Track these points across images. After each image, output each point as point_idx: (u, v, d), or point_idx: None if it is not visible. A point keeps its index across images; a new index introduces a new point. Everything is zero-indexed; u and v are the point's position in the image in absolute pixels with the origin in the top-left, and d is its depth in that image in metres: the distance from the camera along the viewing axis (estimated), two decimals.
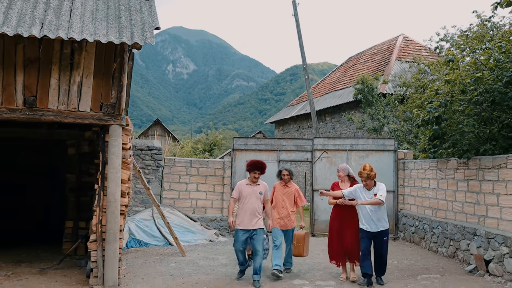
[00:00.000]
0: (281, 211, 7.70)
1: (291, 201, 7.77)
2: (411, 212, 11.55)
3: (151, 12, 7.12)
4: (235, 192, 7.27)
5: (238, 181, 7.65)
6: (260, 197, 7.16)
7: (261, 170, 7.17)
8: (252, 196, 7.08)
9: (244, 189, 7.15)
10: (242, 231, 7.05)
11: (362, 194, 7.23)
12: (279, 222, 7.66)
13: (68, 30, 6.16)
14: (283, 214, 7.68)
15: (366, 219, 7.15)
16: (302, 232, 7.86)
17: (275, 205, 7.76)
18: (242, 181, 7.33)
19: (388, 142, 12.52)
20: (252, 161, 7.27)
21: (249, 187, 7.15)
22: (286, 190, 7.83)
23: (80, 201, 9.24)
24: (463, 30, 11.97)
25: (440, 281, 7.43)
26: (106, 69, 6.71)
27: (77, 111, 6.58)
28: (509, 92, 8.23)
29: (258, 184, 7.19)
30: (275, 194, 7.87)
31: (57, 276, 7.26)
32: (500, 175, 8.00)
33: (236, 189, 7.27)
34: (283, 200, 7.75)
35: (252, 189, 7.14)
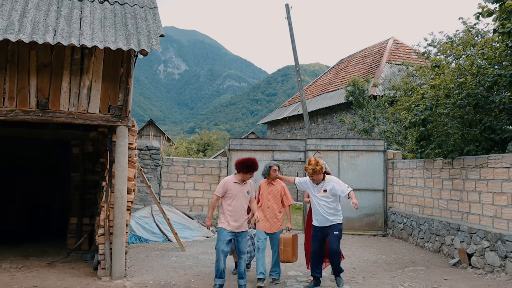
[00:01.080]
0: (267, 212, 7.08)
1: (278, 201, 7.14)
2: (400, 210, 12.08)
3: (155, 20, 7.57)
4: (220, 189, 6.51)
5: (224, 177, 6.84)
6: (247, 197, 6.62)
7: (254, 171, 6.53)
8: (240, 195, 6.49)
9: (232, 187, 6.49)
10: (227, 232, 6.39)
11: (312, 188, 6.93)
12: (264, 224, 7.04)
13: (80, 37, 6.59)
14: (268, 215, 7.07)
15: (317, 214, 6.82)
16: (289, 234, 7.06)
17: (261, 205, 7.13)
18: (229, 178, 6.61)
19: (378, 143, 13.05)
20: (244, 160, 6.50)
21: (237, 186, 6.50)
22: (271, 188, 7.18)
23: (84, 198, 9.64)
24: (449, 36, 12.53)
25: (425, 272, 7.95)
26: (114, 74, 7.15)
27: (87, 113, 7.01)
28: (490, 96, 8.78)
29: (246, 183, 6.61)
30: (260, 193, 7.23)
31: (65, 268, 7.68)
32: (482, 174, 8.54)
33: (222, 186, 6.52)
34: (268, 199, 7.12)
35: (240, 188, 6.51)
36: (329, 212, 6.75)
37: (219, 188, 6.54)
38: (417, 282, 7.17)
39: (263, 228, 7.05)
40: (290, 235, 7.02)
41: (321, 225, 6.77)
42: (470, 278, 7.60)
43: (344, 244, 10.81)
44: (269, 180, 7.21)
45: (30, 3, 7.03)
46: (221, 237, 6.40)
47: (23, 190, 11.61)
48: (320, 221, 6.78)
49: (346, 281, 7.21)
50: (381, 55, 21.99)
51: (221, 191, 6.50)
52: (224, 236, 6.38)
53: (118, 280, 6.92)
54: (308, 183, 6.97)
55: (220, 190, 6.51)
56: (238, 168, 6.49)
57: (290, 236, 7.01)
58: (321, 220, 6.76)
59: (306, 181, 7.01)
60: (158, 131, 37.39)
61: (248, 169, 6.43)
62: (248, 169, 6.43)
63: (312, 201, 6.94)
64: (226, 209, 6.46)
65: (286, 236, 7.01)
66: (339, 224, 6.79)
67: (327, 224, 6.73)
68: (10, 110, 6.68)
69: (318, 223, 6.79)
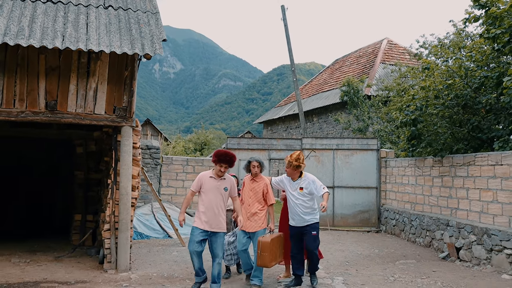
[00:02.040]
0: (247, 209, 6.67)
1: (259, 198, 6.67)
2: (392, 207, 12.48)
3: (158, 25, 7.92)
4: (195, 183, 6.16)
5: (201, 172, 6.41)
6: (225, 194, 6.13)
7: (230, 163, 6.08)
8: (215, 191, 6.04)
9: (206, 181, 6.07)
10: (199, 231, 5.99)
11: (287, 185, 6.72)
12: (245, 223, 6.58)
13: (87, 42, 6.94)
14: (249, 213, 6.65)
15: (294, 214, 6.60)
16: (267, 238, 6.39)
17: (242, 203, 6.72)
18: (206, 173, 6.22)
19: (371, 142, 13.44)
20: (220, 152, 6.14)
21: (213, 181, 6.07)
22: (254, 185, 6.71)
23: (88, 196, 9.98)
24: (440, 38, 12.94)
25: (416, 265, 8.35)
26: (119, 76, 7.49)
27: (93, 114, 7.35)
28: (478, 97, 9.19)
29: (224, 179, 6.14)
30: (243, 189, 6.81)
31: (72, 262, 8.02)
32: (469, 172, 8.95)
33: (197, 181, 6.16)
34: (249, 196, 6.69)
35: (216, 183, 6.07)
36: (306, 211, 6.54)
37: (194, 182, 6.20)
38: (407, 274, 7.57)
39: (243, 227, 6.58)
40: (268, 239, 6.36)
41: (298, 224, 6.57)
42: (458, 270, 8.00)
43: (339, 240, 11.22)
44: (252, 176, 6.77)
45: (38, 9, 7.37)
46: (192, 237, 6.01)
47: (27, 189, 11.92)
48: (297, 220, 6.57)
49: (340, 273, 7.60)
50: (375, 55, 22.39)
51: (196, 185, 6.14)
52: (196, 236, 5.98)
53: (124, 272, 7.27)
54: (285, 181, 6.74)
55: (195, 184, 6.16)
56: (214, 158, 6.08)
57: (269, 240, 6.34)
58: (298, 220, 6.56)
59: (283, 179, 6.79)
60: (155, 130, 37.71)
61: (222, 161, 5.99)
62: (222, 160, 5.99)
63: (289, 200, 6.71)
64: (200, 206, 6.06)
65: (264, 240, 6.35)
66: (317, 223, 6.62)
67: (303, 224, 6.54)
68: (21, 111, 7.02)
69: (295, 222, 6.60)
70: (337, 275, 7.43)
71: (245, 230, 6.63)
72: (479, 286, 6.74)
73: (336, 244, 10.52)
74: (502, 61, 9.11)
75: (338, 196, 13.16)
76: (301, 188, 6.56)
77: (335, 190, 13.16)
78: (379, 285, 6.87)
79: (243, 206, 6.67)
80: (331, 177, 13.21)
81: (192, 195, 6.23)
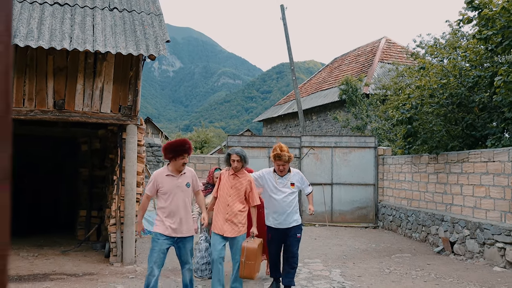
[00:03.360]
0: (225, 210, 5.51)
1: (241, 197, 5.56)
2: (389, 203, 12.77)
3: (161, 26, 8.18)
4: (150, 186, 5.16)
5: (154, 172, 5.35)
6: (189, 190, 5.25)
7: (186, 153, 5.12)
8: (177, 191, 5.12)
9: (164, 181, 5.11)
10: (164, 237, 5.05)
11: (272, 181, 5.88)
12: (221, 226, 5.50)
13: (94, 43, 7.20)
14: (228, 214, 5.48)
15: (278, 213, 5.83)
16: (254, 243, 5.51)
17: (218, 202, 5.63)
18: (160, 171, 5.22)
19: (369, 140, 13.72)
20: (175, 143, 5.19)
21: (172, 180, 5.12)
22: (235, 181, 5.58)
23: (92, 192, 10.26)
24: (436, 38, 13.21)
25: (411, 259, 8.64)
26: (124, 76, 7.76)
27: (99, 113, 7.62)
28: (471, 96, 9.47)
29: (184, 173, 5.21)
30: (220, 185, 5.66)
31: (78, 256, 8.30)
32: (463, 168, 9.23)
33: (152, 183, 5.14)
34: (229, 194, 5.53)
35: (176, 181, 5.13)
36: (293, 210, 5.85)
37: (149, 185, 5.17)
38: (402, 267, 7.85)
39: (219, 231, 5.50)
40: (255, 245, 5.48)
41: (281, 226, 5.82)
42: (451, 263, 8.29)
43: (337, 235, 11.51)
44: (232, 170, 5.63)
45: (46, 11, 7.63)
46: (155, 245, 5.04)
47: (33, 187, 12.19)
48: (281, 221, 5.80)
49: (338, 266, 7.87)
50: (374, 54, 22.65)
51: (152, 188, 5.15)
52: (160, 244, 5.03)
53: (129, 265, 7.55)
54: (267, 177, 5.91)
55: (150, 187, 5.15)
56: (166, 154, 5.13)
57: (256, 246, 5.45)
58: (282, 221, 5.80)
59: (263, 175, 5.93)
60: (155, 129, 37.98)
61: (183, 151, 5.07)
62: (182, 150, 5.07)
63: (271, 199, 5.86)
64: (161, 209, 5.12)
65: (250, 246, 5.44)
66: (301, 225, 6.01)
67: (290, 225, 5.83)
68: (30, 110, 7.29)
69: (278, 224, 5.83)
70: (335, 268, 7.71)
71: (221, 235, 5.46)
72: (471, 278, 7.02)
73: (334, 239, 10.80)
74: (495, 61, 9.38)
75: (336, 192, 13.45)
76: (293, 184, 5.88)
77: (334, 187, 13.44)
78: (375, 276, 7.15)
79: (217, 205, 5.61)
80: (330, 174, 13.49)
81: (148, 199, 5.29)
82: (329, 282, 6.78)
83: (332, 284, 6.66)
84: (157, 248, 5.04)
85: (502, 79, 7.43)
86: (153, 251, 5.06)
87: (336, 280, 6.87)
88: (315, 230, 12.28)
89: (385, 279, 6.98)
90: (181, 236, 5.13)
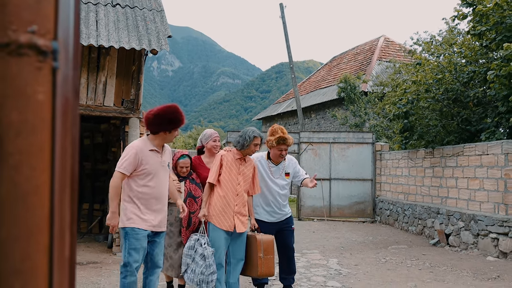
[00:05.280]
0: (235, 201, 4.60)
1: (248, 186, 4.75)
2: (387, 198, 12.97)
3: (163, 22, 8.37)
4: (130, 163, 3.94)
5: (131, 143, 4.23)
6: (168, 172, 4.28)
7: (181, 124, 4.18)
8: (160, 172, 4.10)
9: (148, 159, 4.01)
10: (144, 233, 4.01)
11: (266, 170, 5.18)
12: (231, 220, 4.56)
13: (97, 38, 7.39)
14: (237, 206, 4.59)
15: (270, 206, 5.15)
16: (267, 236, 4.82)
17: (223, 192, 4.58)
18: (140, 144, 4.07)
19: (366, 136, 13.92)
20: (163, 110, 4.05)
21: (156, 156, 4.08)
22: (243, 168, 4.69)
23: (95, 186, 10.45)
24: (433, 35, 13.42)
25: (407, 250, 8.84)
26: (126, 71, 7.95)
27: (103, 106, 7.81)
28: (466, 91, 9.67)
29: (164, 149, 4.23)
30: (224, 170, 4.60)
31: (81, 247, 8.49)
32: (458, 162, 9.44)
33: (133, 158, 3.94)
34: (237, 183, 4.62)
35: (160, 159, 4.11)
36: (284, 203, 5.25)
37: (128, 160, 3.94)
38: (398, 257, 8.05)
39: (229, 227, 4.57)
40: (270, 236, 4.82)
41: (273, 220, 5.19)
42: (446, 253, 8.49)
43: (335, 229, 11.70)
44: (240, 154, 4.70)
45: None
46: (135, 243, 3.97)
47: None
48: (273, 214, 5.19)
49: (335, 256, 8.07)
50: (372, 52, 22.85)
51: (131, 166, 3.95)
52: (141, 241, 4.00)
53: None
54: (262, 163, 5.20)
55: (131, 163, 3.94)
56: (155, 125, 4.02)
57: (271, 238, 4.80)
58: (274, 213, 5.19)
59: (260, 160, 5.20)
60: None
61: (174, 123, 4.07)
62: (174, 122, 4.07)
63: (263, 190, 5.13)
64: (139, 195, 4.00)
65: (266, 239, 4.73)
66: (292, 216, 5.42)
67: (283, 217, 5.25)
68: None
69: (271, 217, 5.19)
70: (332, 257, 7.91)
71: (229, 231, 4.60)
72: (464, 266, 7.22)
73: (332, 232, 10.99)
74: (490, 57, 9.58)
75: (334, 188, 13.64)
76: (287, 174, 5.25)
77: (332, 182, 13.64)
78: (371, 265, 7.35)
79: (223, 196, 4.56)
80: (328, 169, 13.68)
81: (122, 181, 4.01)
82: (326, 269, 6.98)
83: (329, 271, 6.86)
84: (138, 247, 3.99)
85: (494, 73, 7.63)
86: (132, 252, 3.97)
87: (333, 268, 7.07)
88: (313, 224, 12.48)
89: (381, 268, 7.18)
90: (159, 230, 4.14)
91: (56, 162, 0.58)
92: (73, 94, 0.63)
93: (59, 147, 0.59)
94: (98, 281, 6.11)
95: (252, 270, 4.72)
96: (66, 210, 0.61)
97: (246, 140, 4.61)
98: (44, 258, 0.57)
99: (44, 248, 0.57)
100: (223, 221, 4.53)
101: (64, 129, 0.60)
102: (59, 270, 0.59)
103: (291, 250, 5.33)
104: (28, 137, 0.56)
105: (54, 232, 0.58)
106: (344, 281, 6.34)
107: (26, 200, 0.55)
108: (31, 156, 0.56)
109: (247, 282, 5.97)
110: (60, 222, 0.59)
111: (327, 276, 6.58)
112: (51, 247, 0.58)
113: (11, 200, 0.55)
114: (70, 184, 0.63)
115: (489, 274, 6.69)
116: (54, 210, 0.58)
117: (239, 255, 4.70)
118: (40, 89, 0.56)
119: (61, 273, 0.60)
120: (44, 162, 0.57)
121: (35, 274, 0.56)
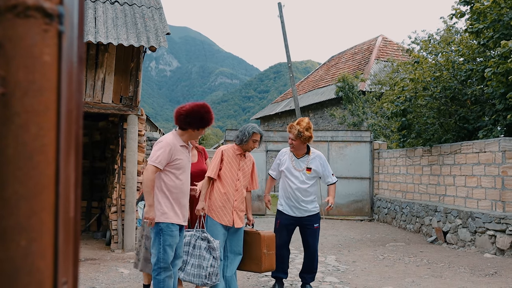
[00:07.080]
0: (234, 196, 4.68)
1: (247, 181, 4.83)
2: (385, 196, 13.00)
3: (162, 19, 8.38)
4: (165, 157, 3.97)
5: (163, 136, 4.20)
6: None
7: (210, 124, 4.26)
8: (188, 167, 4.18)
9: (179, 152, 4.06)
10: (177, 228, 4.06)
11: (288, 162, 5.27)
12: (230, 216, 4.64)
13: (96, 35, 7.40)
14: (236, 201, 4.68)
15: (291, 200, 5.22)
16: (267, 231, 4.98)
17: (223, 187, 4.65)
18: (172, 139, 4.06)
19: (364, 134, 13.95)
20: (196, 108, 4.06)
21: (186, 152, 4.16)
22: (243, 163, 4.77)
23: (93, 183, 10.45)
24: (431, 34, 13.46)
25: (405, 247, 8.87)
26: (125, 68, 7.96)
27: (101, 103, 7.82)
28: (464, 89, 9.71)
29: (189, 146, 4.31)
30: (225, 165, 4.68)
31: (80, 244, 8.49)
32: (456, 160, 9.47)
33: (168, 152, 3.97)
34: (238, 178, 4.71)
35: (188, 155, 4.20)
36: (307, 199, 5.23)
37: (161, 154, 3.96)
38: (395, 254, 8.08)
39: (228, 222, 4.64)
40: (271, 233, 4.94)
41: (294, 214, 5.25)
42: (444, 251, 8.52)
43: (333, 227, 11.73)
44: (240, 149, 4.77)
45: None
46: (169, 240, 3.99)
47: None
48: (294, 210, 5.23)
49: (333, 253, 8.10)
50: (370, 52, 22.90)
51: (165, 160, 3.98)
52: (175, 238, 4.06)
53: (130, 252, 7.74)
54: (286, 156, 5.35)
55: (165, 157, 3.98)
56: (187, 121, 4.04)
57: (272, 235, 4.89)
58: (295, 209, 5.23)
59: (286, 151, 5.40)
60: (153, 126, 38.12)
61: (205, 122, 4.09)
62: (205, 121, 4.09)
63: (285, 182, 5.28)
64: (171, 189, 4.04)
65: (268, 235, 4.82)
66: (318, 214, 5.39)
67: (303, 214, 5.24)
68: None
69: (292, 212, 5.25)
70: (330, 254, 7.94)
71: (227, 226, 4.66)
72: (461, 263, 7.25)
73: (330, 230, 11.01)
74: (487, 55, 9.61)
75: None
76: (309, 169, 5.21)
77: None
78: (369, 262, 7.37)
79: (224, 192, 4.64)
80: None
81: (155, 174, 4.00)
82: (325, 266, 7.00)
83: (328, 267, 6.89)
84: (173, 243, 4.01)
85: (492, 70, 7.66)
86: (167, 249, 3.97)
87: (332, 265, 7.09)
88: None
89: (379, 264, 7.21)
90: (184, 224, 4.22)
91: (62, 123, 0.59)
92: (78, 60, 0.64)
93: (64, 109, 0.60)
94: (96, 277, 6.13)
95: (255, 266, 4.76)
96: (71, 171, 0.63)
97: (245, 136, 4.66)
98: (50, 216, 0.58)
99: (50, 206, 0.58)
100: (222, 216, 4.59)
101: (69, 92, 0.61)
102: (64, 229, 0.61)
103: (311, 248, 5.28)
104: (35, 97, 0.57)
105: (60, 191, 0.59)
106: (342, 277, 6.36)
107: (32, 158, 0.57)
108: (38, 115, 0.57)
109: (245, 278, 5.99)
110: (65, 181, 0.61)
111: (325, 272, 6.60)
112: (57, 205, 0.59)
113: (18, 158, 0.56)
114: (75, 147, 0.64)
115: (486, 270, 6.72)
116: (60, 169, 0.59)
117: (237, 250, 4.75)
118: (47, 51, 0.58)
119: (66, 231, 0.61)
120: (51, 121, 0.58)
121: (40, 231, 0.57)
